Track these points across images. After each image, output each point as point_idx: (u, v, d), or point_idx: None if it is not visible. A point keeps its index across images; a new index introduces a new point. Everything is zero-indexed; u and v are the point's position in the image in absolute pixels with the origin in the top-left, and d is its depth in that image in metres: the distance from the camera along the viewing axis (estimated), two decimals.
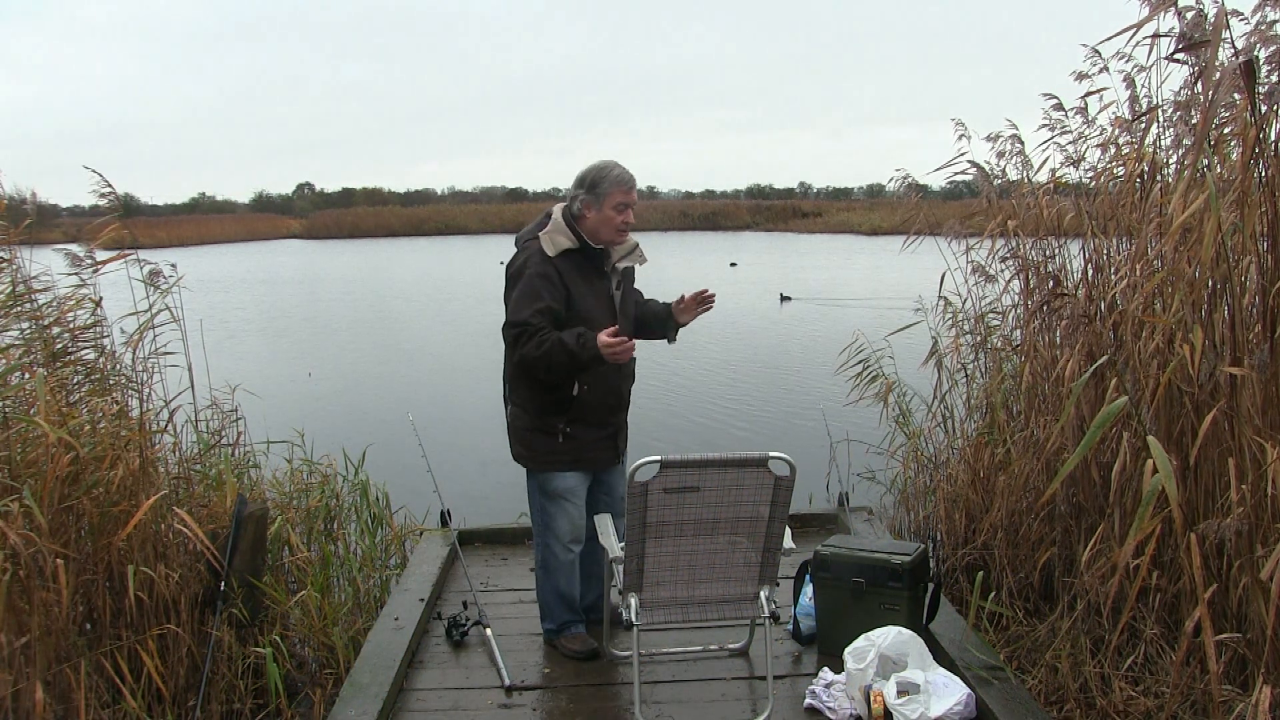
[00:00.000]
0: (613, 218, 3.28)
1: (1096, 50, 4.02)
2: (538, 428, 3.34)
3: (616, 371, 3.34)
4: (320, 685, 3.73)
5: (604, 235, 3.31)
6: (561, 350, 3.11)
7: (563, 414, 3.30)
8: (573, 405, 3.29)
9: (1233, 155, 3.17)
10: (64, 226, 6.67)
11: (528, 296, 3.19)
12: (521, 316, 3.17)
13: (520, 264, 3.28)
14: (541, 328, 3.16)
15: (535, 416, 3.33)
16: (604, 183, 3.26)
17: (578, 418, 3.31)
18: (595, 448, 3.38)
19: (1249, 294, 3.00)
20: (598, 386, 3.31)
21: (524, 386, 3.35)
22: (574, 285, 3.26)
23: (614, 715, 3.09)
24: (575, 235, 3.29)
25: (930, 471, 5.11)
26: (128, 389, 3.98)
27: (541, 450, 3.35)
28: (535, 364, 3.17)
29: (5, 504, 2.97)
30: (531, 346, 3.14)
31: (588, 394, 3.30)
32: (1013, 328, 4.74)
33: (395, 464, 5.62)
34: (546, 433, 3.32)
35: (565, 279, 3.24)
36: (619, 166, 3.31)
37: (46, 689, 2.96)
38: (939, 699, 2.88)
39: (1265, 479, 2.64)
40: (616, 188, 3.26)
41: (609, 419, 3.40)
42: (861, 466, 5.74)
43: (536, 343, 3.14)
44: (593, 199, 3.27)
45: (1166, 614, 3.20)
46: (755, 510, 2.88)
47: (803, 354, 12.89)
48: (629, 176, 3.30)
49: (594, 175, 3.28)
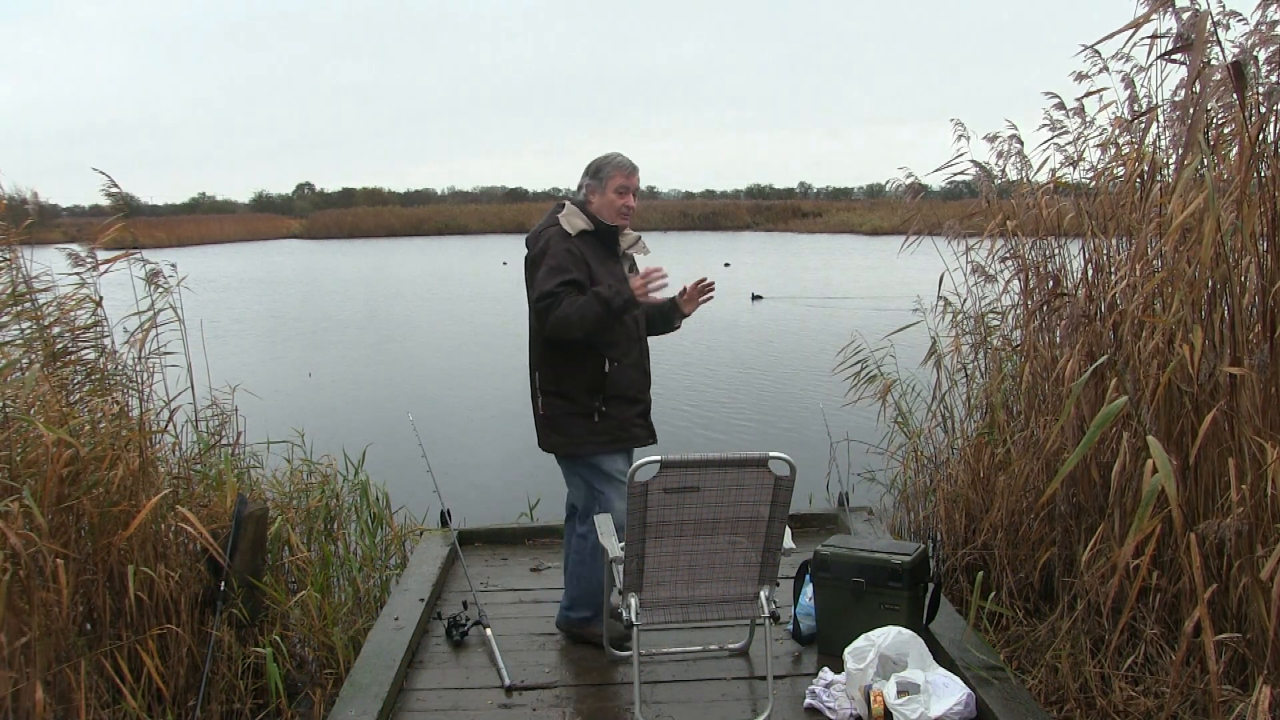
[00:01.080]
0: (614, 200, 3.46)
1: (1096, 50, 4.02)
2: (574, 411, 3.42)
3: (640, 348, 3.52)
4: (320, 685, 3.73)
5: (607, 217, 3.47)
6: (595, 301, 3.26)
7: (598, 392, 3.39)
8: (606, 382, 3.39)
9: (1231, 155, 3.17)
10: (64, 226, 6.68)
11: (554, 270, 3.33)
12: (549, 287, 3.30)
13: (542, 245, 3.42)
14: (571, 295, 3.30)
15: (570, 400, 3.41)
16: (607, 167, 3.46)
17: (613, 394, 3.41)
18: (631, 425, 3.48)
19: (1249, 294, 3.00)
20: (625, 362, 3.45)
21: (554, 370, 3.44)
22: (594, 264, 3.41)
23: (614, 715, 3.10)
24: (590, 218, 3.45)
25: (930, 471, 5.11)
26: (128, 389, 3.99)
27: (581, 432, 3.42)
28: (568, 324, 3.27)
29: (5, 504, 2.97)
30: (565, 305, 3.27)
31: (617, 370, 3.42)
32: (1013, 328, 4.74)
33: (395, 464, 5.61)
34: (583, 414, 3.41)
35: (586, 257, 3.39)
36: (621, 155, 3.51)
37: (46, 689, 2.96)
38: (939, 699, 2.89)
39: (1265, 479, 2.64)
40: (618, 171, 3.45)
41: (639, 395, 3.53)
42: (861, 466, 5.74)
43: (569, 302, 3.27)
44: (596, 184, 3.48)
45: (1166, 614, 3.20)
46: (755, 510, 2.88)
47: (803, 354, 12.89)
48: (630, 162, 3.49)
49: (599, 162, 3.49)
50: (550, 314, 3.28)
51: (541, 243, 3.42)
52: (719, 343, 14.20)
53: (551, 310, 3.27)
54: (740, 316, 17.33)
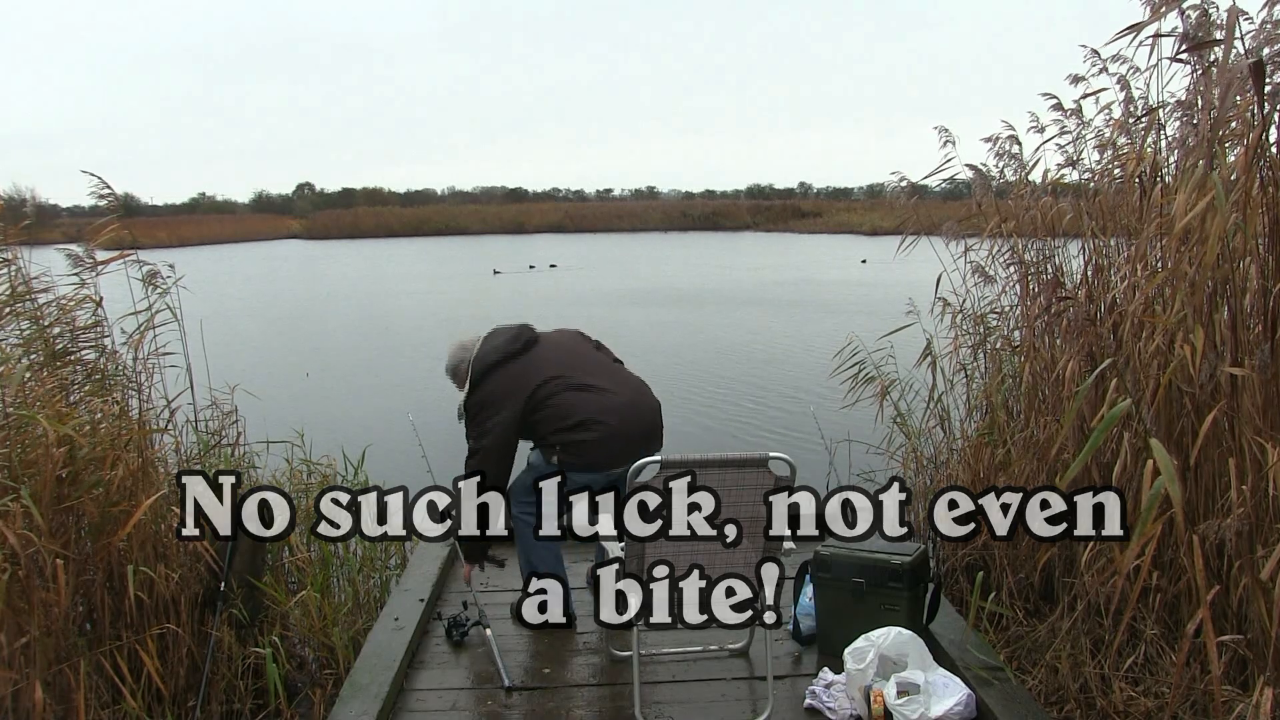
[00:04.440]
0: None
1: (1095, 51, 4.02)
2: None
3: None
4: (320, 685, 3.73)
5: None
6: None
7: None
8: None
9: (1230, 156, 3.17)
10: (64, 226, 6.68)
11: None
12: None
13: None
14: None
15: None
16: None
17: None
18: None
19: (1250, 294, 3.00)
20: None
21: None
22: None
23: (614, 715, 3.09)
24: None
25: (930, 472, 5.11)
26: (128, 389, 3.99)
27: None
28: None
29: (4, 504, 2.97)
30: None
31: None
32: (1013, 328, 4.74)
33: (395, 464, 5.61)
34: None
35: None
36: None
37: (46, 689, 2.97)
38: (939, 699, 2.88)
39: (1266, 479, 2.64)
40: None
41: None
42: (861, 466, 5.74)
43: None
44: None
45: (1166, 614, 3.20)
46: (755, 510, 2.88)
47: (802, 354, 12.89)
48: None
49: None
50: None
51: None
52: (720, 342, 14.20)
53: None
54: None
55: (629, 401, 3.48)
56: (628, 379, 3.61)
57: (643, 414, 3.51)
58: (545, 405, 3.44)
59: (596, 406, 3.42)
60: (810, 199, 71.86)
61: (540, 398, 3.44)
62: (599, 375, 3.53)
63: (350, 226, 55.99)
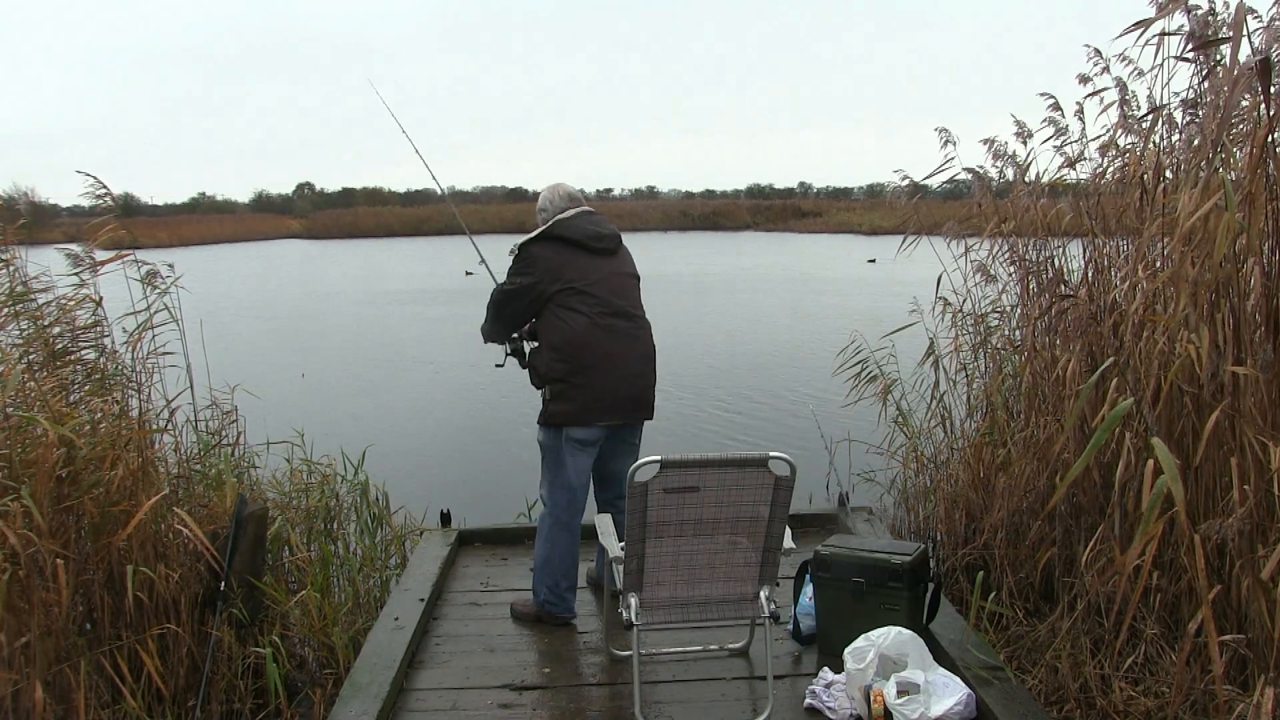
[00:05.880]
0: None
1: (1098, 51, 4.02)
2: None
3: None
4: (320, 685, 3.73)
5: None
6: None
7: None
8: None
9: (1235, 155, 3.16)
10: (64, 226, 6.67)
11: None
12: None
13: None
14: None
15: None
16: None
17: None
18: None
19: (1254, 294, 2.99)
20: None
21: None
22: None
23: (614, 715, 3.09)
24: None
25: (930, 472, 5.11)
26: (127, 389, 3.98)
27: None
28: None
29: (4, 504, 2.97)
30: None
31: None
32: (1013, 328, 4.74)
33: (395, 464, 5.61)
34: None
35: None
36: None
37: (46, 689, 2.96)
38: (939, 699, 2.88)
39: (1268, 479, 2.64)
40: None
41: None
42: (861, 466, 5.74)
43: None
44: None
45: (1167, 614, 3.20)
46: (755, 510, 2.88)
47: (801, 355, 12.89)
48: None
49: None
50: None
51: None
52: (720, 342, 14.20)
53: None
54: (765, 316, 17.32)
55: (634, 370, 3.58)
56: (642, 347, 3.66)
57: (634, 381, 3.59)
58: (564, 310, 3.49)
59: (600, 353, 3.48)
60: (810, 199, 71.84)
61: (565, 297, 3.49)
62: (619, 335, 3.56)
63: (350, 226, 55.98)
